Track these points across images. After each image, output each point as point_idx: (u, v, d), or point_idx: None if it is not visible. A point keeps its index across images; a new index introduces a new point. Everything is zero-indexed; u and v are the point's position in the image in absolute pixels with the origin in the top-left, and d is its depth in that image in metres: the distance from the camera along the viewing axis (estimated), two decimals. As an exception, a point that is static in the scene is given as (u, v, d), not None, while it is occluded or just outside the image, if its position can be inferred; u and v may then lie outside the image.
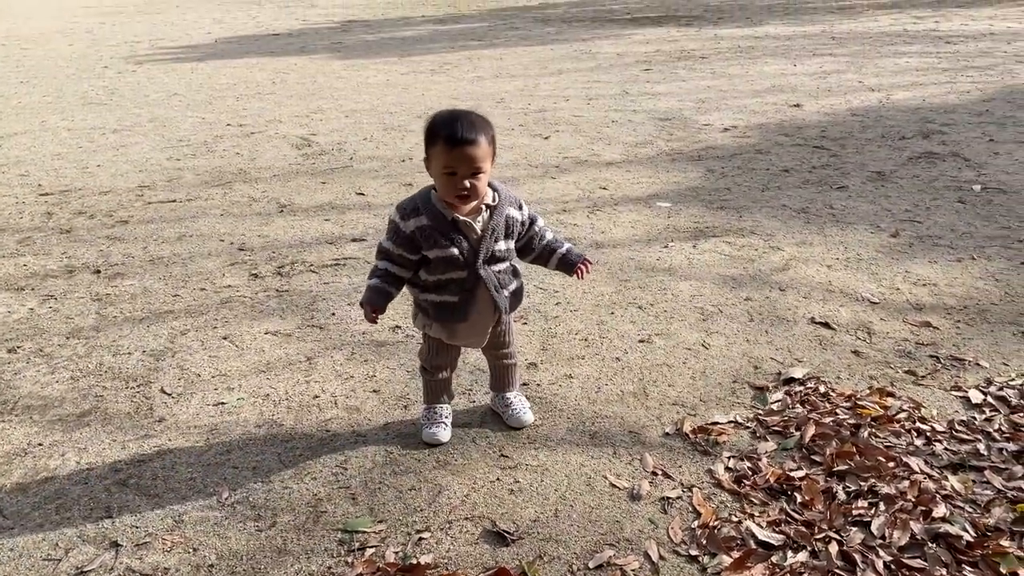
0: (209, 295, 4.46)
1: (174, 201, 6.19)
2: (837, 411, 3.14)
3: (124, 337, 3.98)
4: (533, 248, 2.80)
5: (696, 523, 2.58)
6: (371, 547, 2.51)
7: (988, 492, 2.66)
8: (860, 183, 6.15)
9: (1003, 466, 2.79)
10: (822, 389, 3.32)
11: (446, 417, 3.07)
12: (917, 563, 2.34)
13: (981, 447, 2.90)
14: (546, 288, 4.42)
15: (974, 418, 3.10)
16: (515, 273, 2.81)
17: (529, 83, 10.77)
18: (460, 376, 3.43)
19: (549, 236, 2.82)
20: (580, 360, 3.63)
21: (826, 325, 3.91)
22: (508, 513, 2.65)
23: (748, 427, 3.09)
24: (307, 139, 8.04)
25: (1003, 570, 2.29)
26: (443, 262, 2.60)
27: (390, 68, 12.42)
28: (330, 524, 2.62)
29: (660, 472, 2.84)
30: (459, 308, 2.69)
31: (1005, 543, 2.39)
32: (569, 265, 2.82)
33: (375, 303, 2.67)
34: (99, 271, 4.86)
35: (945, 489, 2.67)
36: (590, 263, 2.83)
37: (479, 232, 2.59)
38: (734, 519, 2.59)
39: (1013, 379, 3.37)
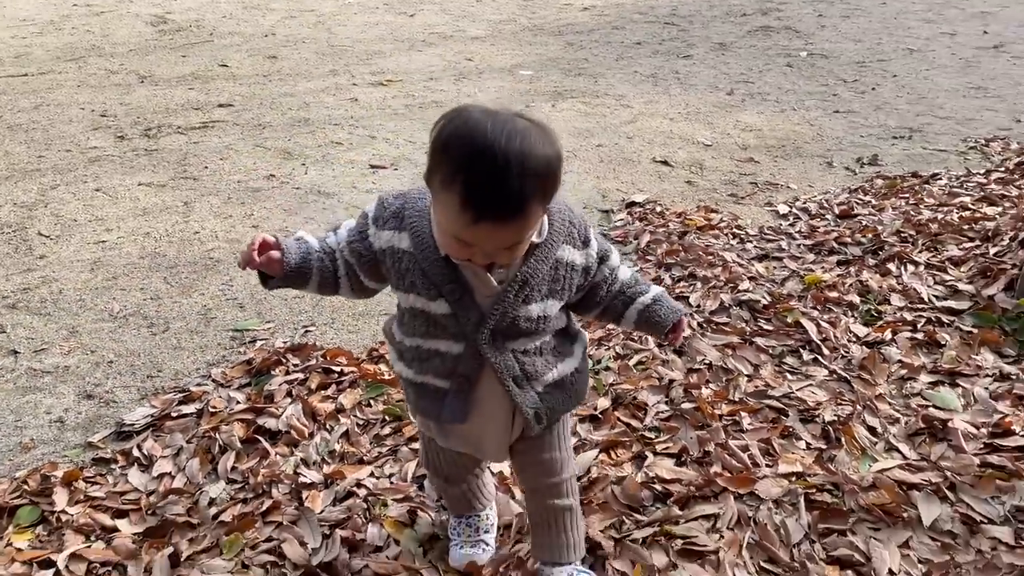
0: (75, 155, 4.46)
1: (25, 75, 5.96)
2: (669, 224, 3.63)
3: (-9, 193, 3.98)
4: (598, 300, 1.58)
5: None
6: (261, 340, 2.80)
7: (785, 272, 3.21)
8: (703, 53, 6.65)
9: (799, 255, 3.36)
10: (658, 209, 3.80)
11: (485, 532, 1.91)
12: (723, 319, 2.86)
13: (783, 243, 3.46)
14: (414, 141, 4.69)
15: (780, 224, 3.66)
16: (560, 350, 1.57)
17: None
18: (335, 211, 3.67)
19: (624, 276, 1.60)
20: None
21: (665, 163, 4.39)
22: (387, 306, 2.99)
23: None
24: (162, 17, 7.78)
25: (788, 320, 2.83)
26: (422, 319, 1.46)
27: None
28: (221, 326, 2.88)
29: (518, 275, 3.24)
30: (452, 402, 1.52)
31: (793, 303, 2.94)
32: (657, 326, 1.62)
33: (281, 243, 1.43)
34: (-48, 138, 4.73)
35: (751, 272, 3.20)
36: (687, 321, 1.82)
37: (495, 286, 1.40)
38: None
39: (815, 196, 3.95)
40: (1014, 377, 2.53)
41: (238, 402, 2.44)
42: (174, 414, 2.40)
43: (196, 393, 2.49)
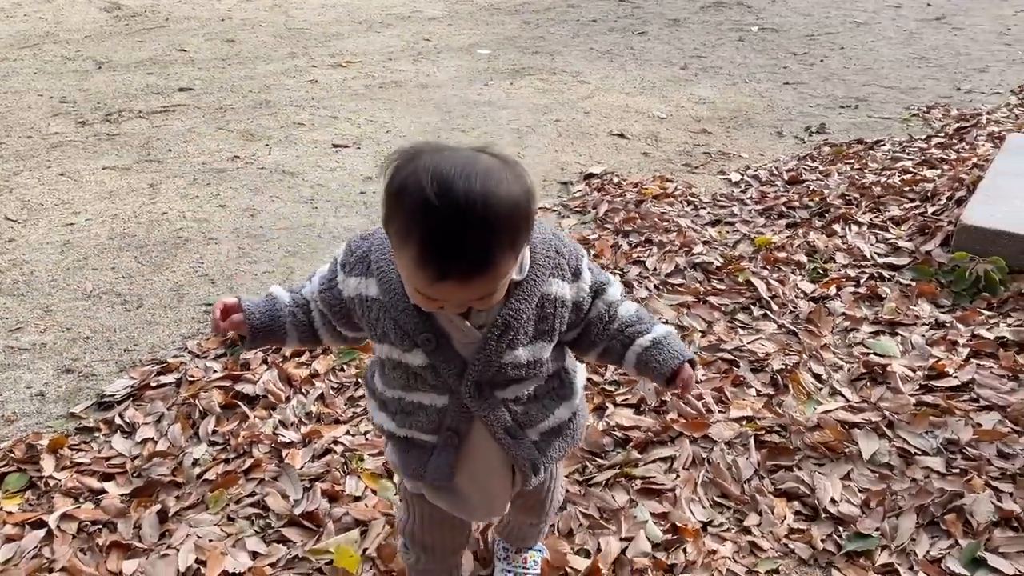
0: (37, 141, 4.46)
1: (-23, 62, 5.90)
2: (626, 193, 3.76)
3: (-47, 180, 3.98)
4: (594, 340, 1.39)
5: (511, 275, 3.13)
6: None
7: (737, 236, 3.37)
8: (658, 29, 6.78)
9: (750, 219, 3.52)
10: (615, 180, 3.93)
11: None
12: (678, 280, 3.00)
13: (735, 209, 3.61)
14: (376, 120, 4.76)
15: (732, 191, 3.81)
16: (557, 392, 1.41)
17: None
18: (301, 189, 3.74)
19: (625, 313, 1.39)
20: (410, 172, 4.05)
21: (622, 136, 4.52)
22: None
23: (555, 210, 3.66)
24: (115, 2, 7.70)
25: (740, 279, 2.99)
26: (400, 370, 1.32)
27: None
28: (194, 301, 2.95)
29: (482, 245, 3.35)
30: (438, 459, 1.37)
31: (744, 264, 3.10)
32: (655, 372, 1.37)
33: (245, 306, 1.37)
34: (-92, 127, 4.69)
35: (704, 237, 3.35)
36: (695, 368, 1.49)
37: (474, 333, 1.25)
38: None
39: (765, 164, 4.12)
40: (948, 325, 2.71)
41: (215, 371, 2.53)
42: (153, 384, 2.48)
43: (173, 364, 2.56)
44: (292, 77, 5.64)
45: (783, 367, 2.51)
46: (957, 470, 2.08)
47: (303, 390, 2.45)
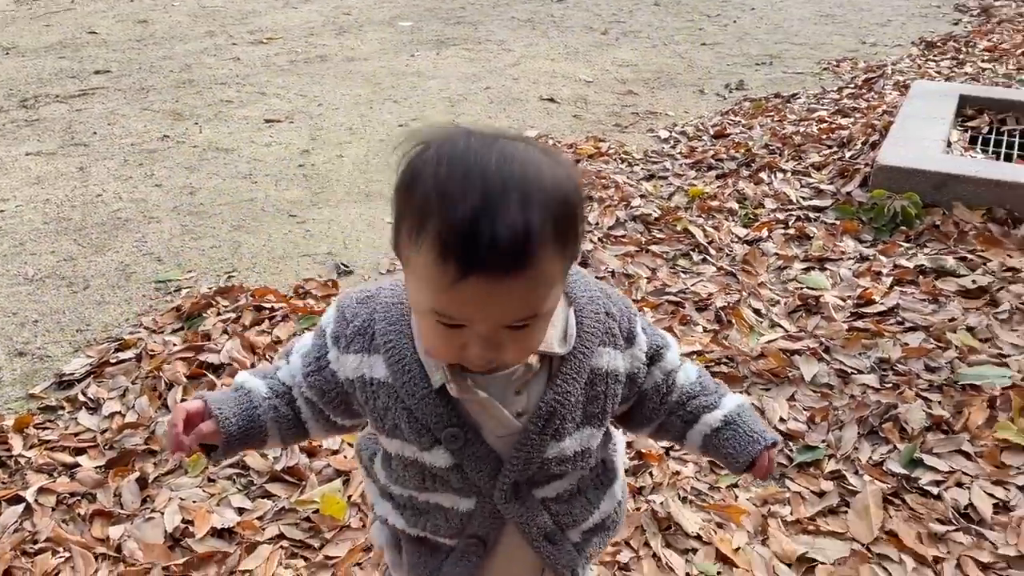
0: (-51, 131, 4.28)
1: None
2: (562, 154, 3.87)
3: None
4: (648, 416, 1.15)
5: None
6: (186, 288, 2.87)
7: (671, 188, 3.52)
8: (577, -4, 6.90)
9: (682, 172, 3.67)
10: (551, 142, 4.03)
11: None
12: (620, 232, 3.13)
13: (667, 164, 3.76)
14: (306, 95, 4.73)
15: (663, 147, 3.96)
16: (600, 479, 1.17)
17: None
18: (238, 165, 3.73)
19: (685, 380, 1.16)
20: (348, 144, 4.06)
21: (552, 100, 4.62)
22: (305, 248, 3.10)
23: (495, 173, 3.73)
24: (13, -14, 7.35)
25: (678, 228, 3.13)
26: (414, 470, 1.07)
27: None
28: (142, 279, 2.93)
29: (427, 210, 3.41)
30: (455, 569, 1.12)
31: (681, 214, 3.24)
32: (730, 459, 1.14)
33: (215, 410, 1.06)
34: None
35: (641, 191, 3.49)
36: (774, 454, 1.15)
37: (512, 422, 1.01)
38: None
39: (691, 120, 4.28)
40: (872, 258, 2.92)
41: (175, 344, 2.53)
42: (112, 360, 2.47)
43: (130, 340, 2.55)
44: (213, 56, 5.53)
45: (725, 305, 2.66)
46: (890, 384, 2.27)
47: (267, 356, 2.48)
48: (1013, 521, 1.82)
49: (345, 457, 2.07)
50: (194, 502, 1.94)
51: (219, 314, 2.67)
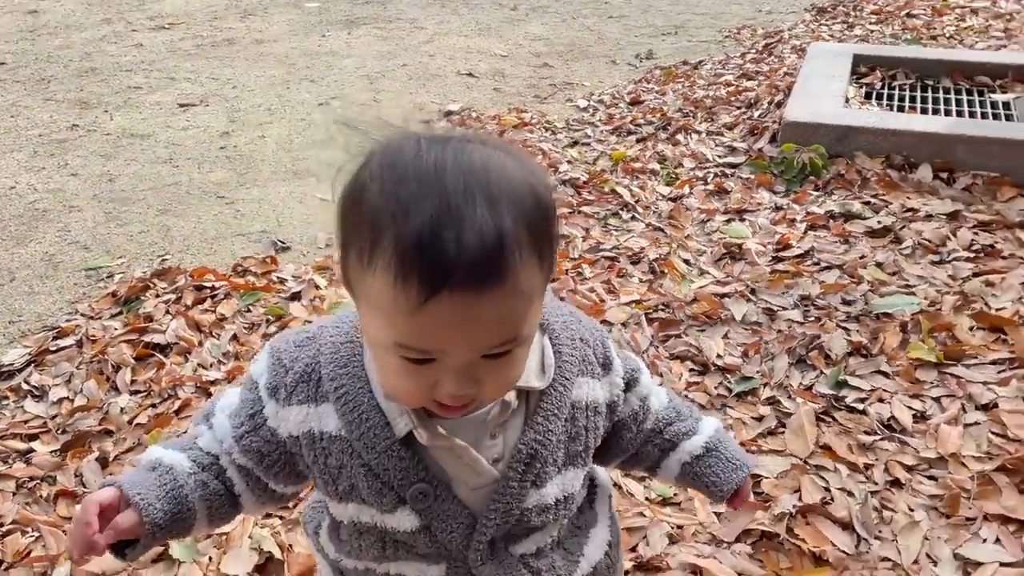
0: None
1: None
2: (486, 126, 3.95)
3: None
4: (624, 446, 1.05)
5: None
6: (119, 273, 2.82)
7: (595, 153, 3.64)
8: (482, -26, 6.94)
9: (603, 138, 3.80)
10: (474, 115, 4.10)
11: None
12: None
13: (588, 131, 3.89)
14: (218, 78, 4.65)
15: (583, 116, 4.09)
16: (586, 523, 1.05)
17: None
18: (157, 150, 3.65)
19: (659, 405, 1.07)
20: (268, 124, 4.03)
21: (470, 75, 4.68)
22: (238, 228, 3.09)
23: (421, 147, 3.78)
24: None
25: (606, 189, 3.26)
26: (372, 537, 0.93)
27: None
28: (71, 268, 2.86)
29: (357, 185, 3.43)
30: None
31: (607, 176, 3.37)
32: (710, 489, 1.06)
33: (135, 498, 0.87)
34: None
35: (567, 157, 3.60)
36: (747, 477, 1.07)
37: (488, 471, 0.89)
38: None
39: (607, 90, 4.42)
40: (785, 207, 3.11)
41: (116, 328, 2.50)
42: (52, 348, 2.42)
43: (68, 328, 2.51)
44: (113, 43, 5.35)
45: (657, 257, 2.80)
46: (812, 318, 2.45)
47: (214, 334, 2.48)
48: (931, 428, 2.02)
49: (307, 421, 2.11)
50: (159, 475, 1.95)
51: (158, 296, 2.65)
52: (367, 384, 0.85)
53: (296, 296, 2.65)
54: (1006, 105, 3.64)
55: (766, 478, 1.91)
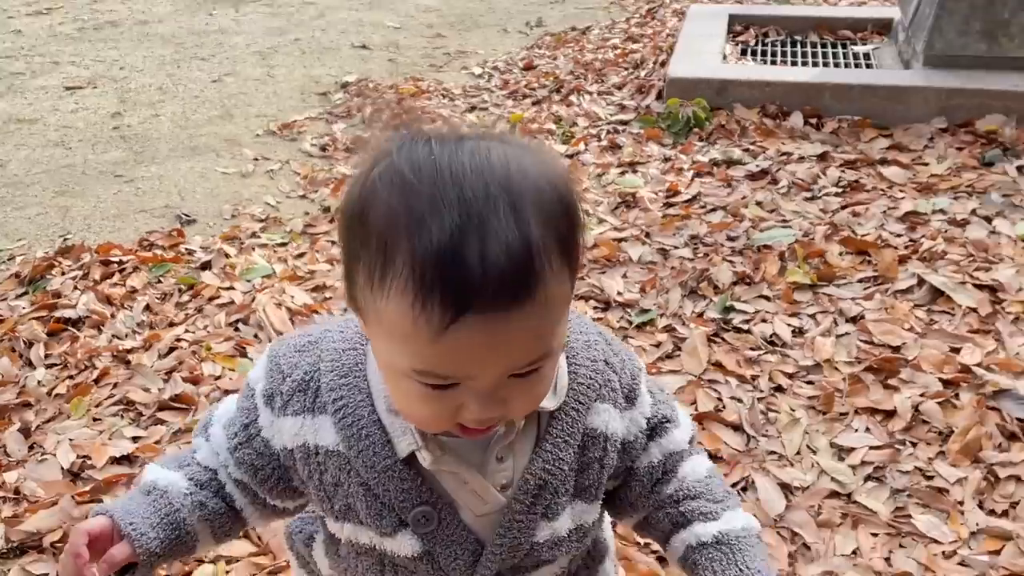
0: None
1: None
2: (384, 96, 4.02)
3: None
4: (632, 502, 0.92)
5: (298, 178, 3.28)
6: (20, 255, 2.78)
7: (493, 117, 3.78)
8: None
9: (500, 103, 3.94)
10: (371, 85, 4.16)
11: None
12: (453, 157, 3.35)
13: (485, 96, 4.02)
14: (103, 60, 4.54)
15: (478, 83, 4.21)
16: (593, 558, 0.99)
17: None
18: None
19: (692, 473, 0.91)
20: (162, 103, 3.98)
21: (364, 47, 4.73)
22: (139, 205, 3.07)
23: (322, 118, 3.82)
24: None
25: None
26: (370, 560, 0.87)
27: None
28: (-33, 253, 2.80)
29: (260, 158, 3.46)
30: None
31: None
32: None
33: (127, 528, 0.83)
34: None
35: (466, 121, 3.71)
36: None
37: (496, 497, 0.82)
38: (325, 170, 3.34)
39: (500, 57, 4.55)
40: (673, 158, 3.31)
41: (23, 307, 2.48)
42: (-42, 332, 2.39)
43: (-29, 311, 2.47)
44: (-15, 29, 5.13)
45: (557, 209, 2.95)
46: (701, 254, 2.65)
47: (126, 305, 2.49)
48: (807, 341, 2.24)
49: (231, 379, 2.17)
50: (85, 440, 1.98)
51: (64, 273, 2.63)
52: (369, 397, 0.78)
53: (207, 265, 2.68)
54: (866, 56, 3.95)
55: (665, 394, 2.09)
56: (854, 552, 1.66)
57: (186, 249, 2.77)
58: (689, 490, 0.89)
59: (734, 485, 1.80)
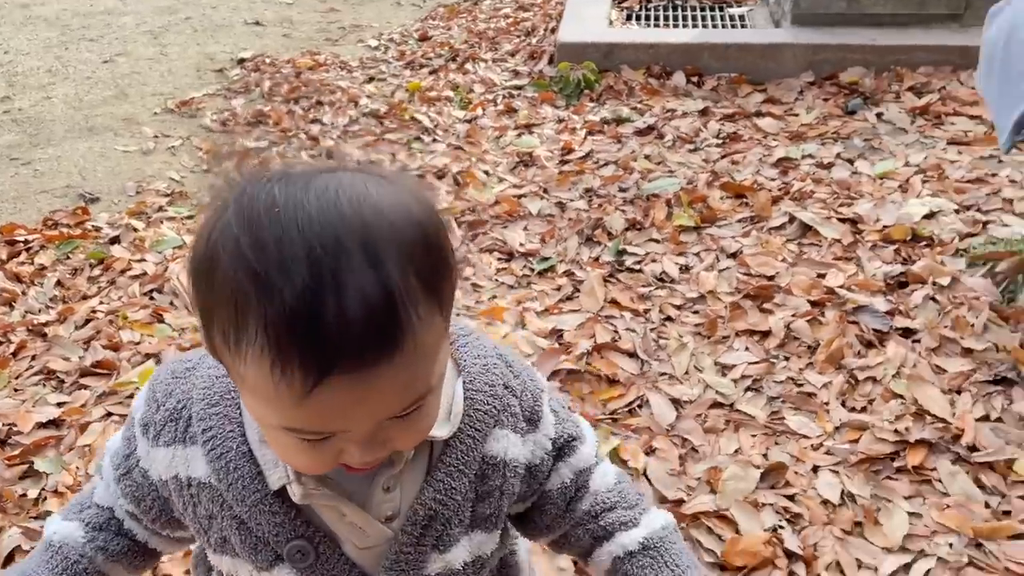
0: None
1: None
2: (282, 70, 4.05)
3: None
4: (549, 523, 0.89)
5: (201, 152, 3.31)
6: (-84, 241, 2.73)
7: (392, 87, 3.87)
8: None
9: (397, 73, 4.04)
10: (268, 60, 4.18)
11: None
12: (356, 128, 3.44)
13: (383, 67, 4.10)
14: (8, 51, 4.41)
15: (375, 55, 4.28)
16: None
17: None
18: None
19: (602, 484, 0.89)
20: (52, 86, 3.90)
21: (258, 23, 4.72)
22: (39, 186, 3.05)
23: (220, 95, 3.83)
24: None
25: (407, 117, 3.50)
26: None
27: None
28: None
29: (160, 135, 3.46)
30: None
31: (406, 106, 3.61)
32: None
33: None
34: None
35: (366, 92, 3.79)
36: None
37: (381, 530, 0.77)
38: (228, 144, 3.38)
39: (395, 29, 4.64)
40: (566, 119, 3.49)
41: (-73, 293, 2.47)
42: None
43: None
44: None
45: (460, 171, 3.09)
46: (596, 205, 2.84)
47: (36, 282, 2.51)
48: (693, 276, 2.46)
49: (150, 343, 2.23)
50: (9, 409, 2.02)
51: (-33, 256, 2.61)
52: (240, 426, 0.74)
53: (115, 240, 2.71)
54: (741, 17, 4.22)
55: (567, 331, 2.27)
56: (736, 451, 1.88)
57: (92, 226, 2.79)
58: (604, 503, 0.88)
59: (629, 404, 2.00)
